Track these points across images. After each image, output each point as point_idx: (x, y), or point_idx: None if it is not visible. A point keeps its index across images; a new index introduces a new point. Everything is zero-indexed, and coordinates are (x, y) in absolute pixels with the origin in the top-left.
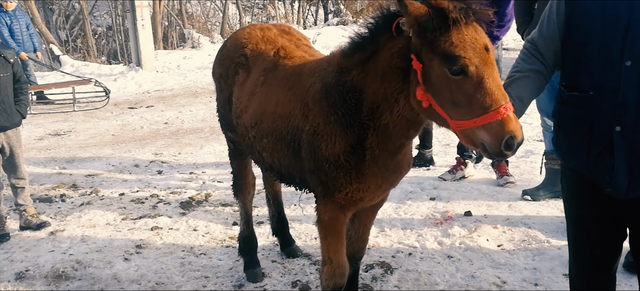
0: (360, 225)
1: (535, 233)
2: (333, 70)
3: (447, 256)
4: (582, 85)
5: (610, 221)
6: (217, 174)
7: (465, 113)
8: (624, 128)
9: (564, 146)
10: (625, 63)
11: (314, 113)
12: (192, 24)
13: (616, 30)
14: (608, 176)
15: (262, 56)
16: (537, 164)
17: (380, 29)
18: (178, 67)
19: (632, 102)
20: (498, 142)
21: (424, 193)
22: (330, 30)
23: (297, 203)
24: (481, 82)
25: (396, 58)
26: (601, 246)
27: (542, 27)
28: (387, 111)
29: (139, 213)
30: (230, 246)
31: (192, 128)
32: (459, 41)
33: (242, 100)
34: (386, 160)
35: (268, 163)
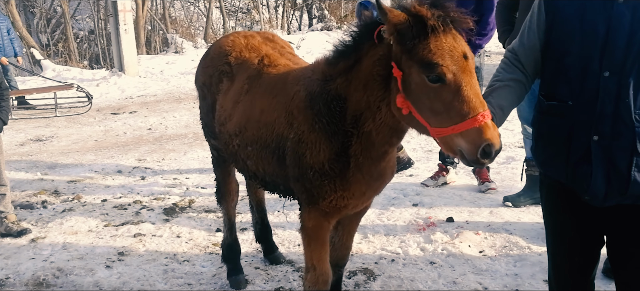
0: (344, 232)
1: (516, 239)
2: (318, 79)
3: (429, 262)
4: (561, 95)
5: (588, 229)
6: (200, 180)
7: (443, 120)
8: (601, 138)
9: (543, 155)
10: (604, 74)
11: (298, 121)
12: (175, 29)
13: (595, 42)
14: (586, 184)
15: (246, 64)
16: (518, 170)
17: (363, 37)
18: (161, 72)
19: (610, 112)
20: (475, 149)
21: (407, 200)
22: (314, 36)
23: (280, 210)
24: (459, 90)
25: (377, 66)
26: (580, 253)
27: (523, 37)
28: (369, 119)
29: (121, 220)
30: (214, 253)
31: (175, 134)
32: (436, 49)
33: (226, 108)
34: (370, 167)
35: (252, 171)
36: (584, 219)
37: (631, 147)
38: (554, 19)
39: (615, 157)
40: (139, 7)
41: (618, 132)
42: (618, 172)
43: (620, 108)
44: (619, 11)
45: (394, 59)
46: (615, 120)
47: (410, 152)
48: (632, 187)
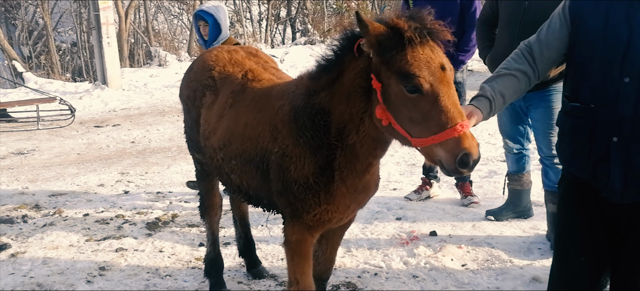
0: (328, 245)
1: (499, 253)
2: (301, 93)
3: (412, 276)
4: (584, 98)
5: (601, 230)
6: (184, 194)
7: (422, 130)
8: (620, 140)
9: (566, 152)
10: (624, 79)
11: (283, 135)
12: (159, 42)
13: (617, 49)
14: (605, 182)
15: (230, 78)
16: (500, 185)
17: (345, 50)
18: (145, 85)
19: (629, 115)
20: (453, 158)
21: (390, 214)
22: (298, 50)
23: (264, 224)
24: (436, 100)
25: (359, 78)
26: (587, 253)
27: (541, 33)
28: (353, 131)
29: (103, 234)
30: (196, 267)
31: (159, 147)
32: (413, 60)
33: (210, 123)
34: (354, 180)
35: (236, 185)
36: (598, 219)
37: None
38: (580, 26)
39: (633, 158)
40: (122, 19)
41: (636, 134)
42: (635, 172)
43: (639, 112)
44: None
45: (374, 70)
46: (634, 123)
47: (393, 165)
48: None
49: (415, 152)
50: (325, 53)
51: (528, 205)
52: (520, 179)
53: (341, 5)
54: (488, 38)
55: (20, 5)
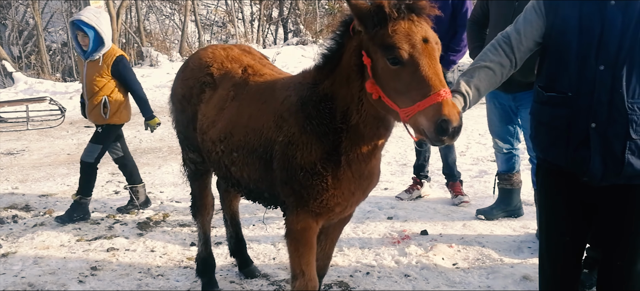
0: (327, 241)
1: (489, 252)
2: (308, 83)
3: (404, 275)
4: (561, 87)
5: (580, 212)
6: (175, 194)
7: (406, 100)
8: (598, 125)
9: (544, 141)
10: (599, 67)
11: (289, 123)
12: (150, 42)
13: (591, 39)
14: (585, 167)
15: (230, 73)
16: (491, 184)
17: (342, 35)
18: None
19: (606, 101)
20: (433, 125)
21: (382, 213)
22: (289, 50)
23: (262, 220)
24: (417, 70)
25: (354, 56)
26: (571, 233)
27: (518, 24)
28: (354, 111)
29: (94, 234)
30: (188, 267)
31: (150, 147)
32: (394, 33)
33: (208, 116)
34: (360, 164)
35: (236, 178)
36: (577, 201)
37: (625, 133)
38: (555, 17)
39: (611, 142)
40: (114, 19)
41: (613, 119)
42: (613, 156)
43: (615, 98)
44: (612, 12)
45: (364, 47)
46: (611, 108)
47: (385, 165)
48: (626, 169)
49: (406, 151)
50: (327, 42)
51: (518, 204)
52: (511, 178)
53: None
54: (479, 38)
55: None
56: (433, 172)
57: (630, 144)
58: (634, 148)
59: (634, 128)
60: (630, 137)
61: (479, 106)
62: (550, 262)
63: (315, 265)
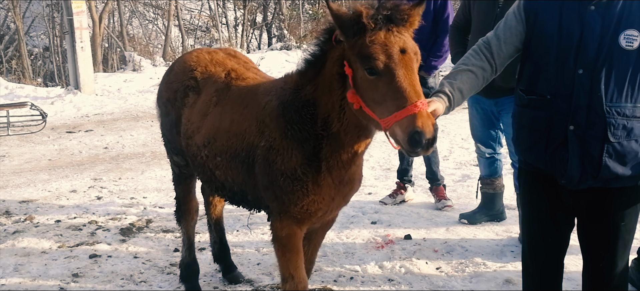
0: (310, 246)
1: (472, 256)
2: (290, 89)
3: (387, 279)
4: (541, 90)
5: (561, 212)
6: (158, 200)
7: (384, 110)
8: (577, 128)
9: (525, 143)
10: (578, 71)
11: (270, 129)
12: (133, 46)
13: (570, 43)
14: (563, 169)
15: (213, 78)
16: (474, 189)
17: (325, 42)
18: (118, 90)
19: (584, 104)
20: (407, 137)
21: (366, 218)
22: (273, 55)
23: (247, 225)
24: (392, 81)
25: (336, 65)
26: (553, 234)
27: (498, 30)
28: (335, 119)
29: (76, 241)
30: (172, 273)
31: (133, 153)
32: (371, 43)
33: (193, 121)
34: (340, 171)
35: (221, 182)
36: (557, 203)
37: (603, 136)
38: (535, 22)
39: (589, 145)
40: (96, 24)
41: (591, 122)
42: (591, 158)
43: (593, 101)
44: (591, 16)
45: (346, 57)
46: (589, 111)
47: (368, 170)
48: (603, 171)
49: (390, 156)
50: (310, 48)
51: (501, 209)
52: (493, 183)
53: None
54: (461, 44)
55: None
56: (416, 176)
57: (608, 147)
58: (611, 152)
59: (612, 132)
60: (608, 140)
61: (462, 110)
62: (533, 263)
63: (303, 267)
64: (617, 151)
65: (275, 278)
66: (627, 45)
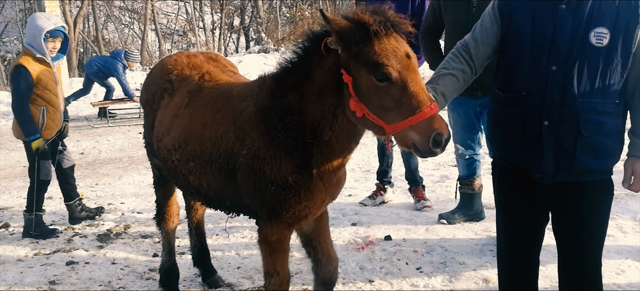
0: (321, 245)
1: (452, 256)
2: (266, 95)
3: (368, 280)
4: (516, 87)
5: (536, 206)
6: (136, 205)
7: (395, 116)
8: (551, 123)
9: (500, 139)
10: (551, 68)
11: (251, 137)
12: (109, 51)
13: (544, 41)
14: (538, 164)
15: (187, 80)
16: (452, 189)
17: (310, 50)
18: (94, 95)
19: (558, 100)
20: (427, 139)
21: (346, 219)
22: (251, 58)
23: (225, 229)
24: (406, 86)
25: (329, 74)
26: (528, 228)
27: (475, 32)
28: (327, 127)
29: (52, 248)
30: (151, 279)
31: (109, 158)
32: (381, 50)
33: (164, 123)
34: (330, 175)
35: (195, 187)
36: (532, 197)
37: (576, 131)
38: (510, 21)
39: (563, 140)
40: (71, 29)
41: (565, 117)
42: (565, 153)
43: (567, 97)
44: (562, 15)
45: (343, 65)
46: (563, 107)
47: (348, 172)
48: (577, 165)
49: (370, 158)
50: (289, 56)
51: (479, 208)
52: (472, 183)
53: (295, 14)
54: (436, 49)
55: None
56: (396, 177)
57: (581, 141)
58: (584, 146)
59: (584, 126)
60: (581, 134)
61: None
62: (510, 257)
63: (288, 264)
64: (590, 145)
65: (255, 281)
66: (597, 42)
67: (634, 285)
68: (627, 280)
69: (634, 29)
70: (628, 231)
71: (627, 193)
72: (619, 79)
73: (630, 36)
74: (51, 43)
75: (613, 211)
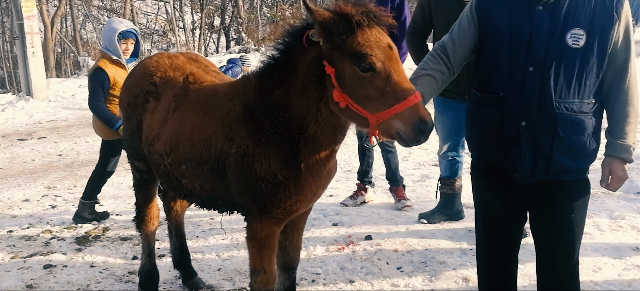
0: (294, 232)
1: (432, 255)
2: (252, 94)
3: (349, 281)
4: (494, 88)
5: (514, 205)
6: (115, 207)
7: (379, 105)
8: (528, 123)
9: (479, 139)
10: (529, 69)
11: (240, 135)
12: (87, 51)
13: (521, 43)
14: (516, 164)
15: (172, 83)
16: (432, 188)
17: (293, 45)
18: (72, 96)
19: (535, 100)
20: (411, 127)
21: (327, 220)
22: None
23: (220, 226)
24: (389, 76)
25: (312, 67)
26: (507, 227)
27: (453, 33)
28: (312, 121)
29: (30, 251)
30: (130, 281)
31: (88, 159)
32: (364, 41)
33: (153, 128)
34: (320, 168)
35: (188, 189)
36: (510, 197)
37: (553, 131)
38: (487, 22)
39: (540, 140)
40: (48, 28)
41: (542, 118)
42: (542, 152)
43: (544, 97)
44: (539, 16)
45: (325, 57)
46: (540, 108)
47: None
48: (554, 165)
49: (351, 158)
50: (271, 53)
51: (459, 208)
52: (453, 184)
53: (275, 14)
54: (421, 49)
55: None
56: (377, 177)
57: (558, 142)
58: (561, 146)
59: (561, 127)
60: (557, 134)
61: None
62: (489, 257)
63: (275, 262)
64: (567, 145)
65: (236, 283)
66: (574, 43)
67: (611, 282)
68: (604, 277)
69: (610, 29)
70: (605, 229)
71: (603, 192)
72: (595, 80)
73: (605, 37)
74: (123, 44)
75: (590, 209)
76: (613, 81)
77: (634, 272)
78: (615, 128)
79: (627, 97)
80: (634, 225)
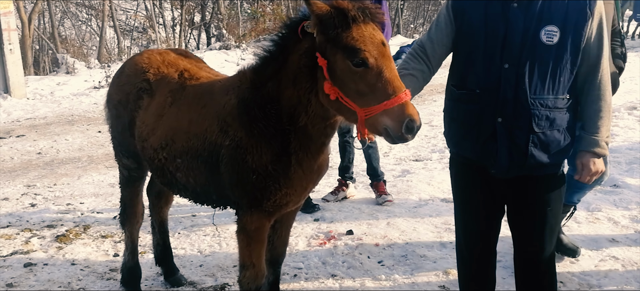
0: (282, 227)
1: (413, 248)
2: (247, 87)
3: (331, 275)
4: (470, 84)
5: (492, 199)
6: (96, 205)
7: (370, 100)
8: (504, 120)
9: (457, 135)
10: (504, 66)
11: (234, 128)
12: (66, 48)
13: (496, 40)
14: (493, 159)
15: (167, 79)
16: (413, 183)
17: (287, 36)
18: (51, 93)
19: (511, 97)
20: (400, 125)
21: (308, 215)
22: (212, 55)
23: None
24: (381, 72)
25: (304, 58)
26: (485, 221)
27: (431, 32)
28: (302, 113)
29: (9, 250)
30: (112, 279)
31: (68, 157)
32: (359, 36)
33: (148, 123)
34: (310, 162)
35: (182, 184)
36: (488, 191)
37: (528, 127)
38: (463, 21)
39: (516, 136)
40: (25, 25)
41: (518, 114)
42: (518, 148)
43: (519, 94)
44: (514, 14)
45: (319, 49)
46: (515, 104)
47: None
48: (529, 160)
49: (331, 154)
50: (266, 45)
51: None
52: None
53: (256, 11)
54: None
55: None
56: (357, 173)
57: (533, 137)
58: (536, 141)
59: (536, 122)
60: (533, 130)
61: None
62: (467, 249)
63: (264, 257)
64: (542, 140)
65: (218, 279)
66: (548, 40)
67: (588, 273)
68: (581, 268)
69: (583, 26)
70: (582, 221)
71: None
72: (569, 76)
73: (579, 33)
74: None
75: None
76: (586, 77)
77: (610, 263)
78: (588, 123)
79: (600, 92)
80: (610, 217)
